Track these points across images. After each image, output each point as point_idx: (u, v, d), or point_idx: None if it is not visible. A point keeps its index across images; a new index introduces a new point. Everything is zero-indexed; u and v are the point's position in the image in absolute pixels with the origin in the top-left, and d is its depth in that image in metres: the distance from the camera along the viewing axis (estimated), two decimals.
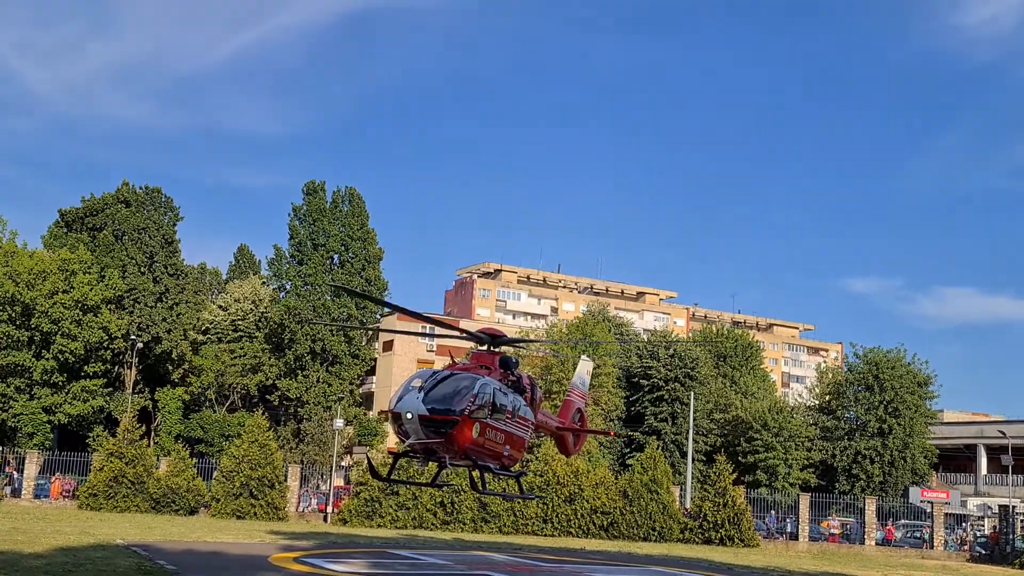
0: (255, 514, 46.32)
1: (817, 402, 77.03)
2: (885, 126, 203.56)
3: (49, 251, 68.36)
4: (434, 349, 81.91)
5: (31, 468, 49.55)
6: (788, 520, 56.90)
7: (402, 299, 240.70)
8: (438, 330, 39.37)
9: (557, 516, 48.11)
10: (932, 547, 54.10)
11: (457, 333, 23.18)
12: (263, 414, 52.23)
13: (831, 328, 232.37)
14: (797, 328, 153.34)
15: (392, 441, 63.28)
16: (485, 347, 21.60)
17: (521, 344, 23.31)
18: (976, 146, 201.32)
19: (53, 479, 50.90)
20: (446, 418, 18.55)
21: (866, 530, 54.80)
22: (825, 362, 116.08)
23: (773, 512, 58.74)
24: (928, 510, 57.65)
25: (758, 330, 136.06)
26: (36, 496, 48.79)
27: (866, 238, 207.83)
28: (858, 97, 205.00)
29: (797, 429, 70.03)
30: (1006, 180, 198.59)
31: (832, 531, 55.66)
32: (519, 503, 47.46)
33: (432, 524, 46.52)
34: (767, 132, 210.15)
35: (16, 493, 48.61)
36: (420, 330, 65.48)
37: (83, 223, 75.85)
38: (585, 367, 26.35)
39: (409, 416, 18.52)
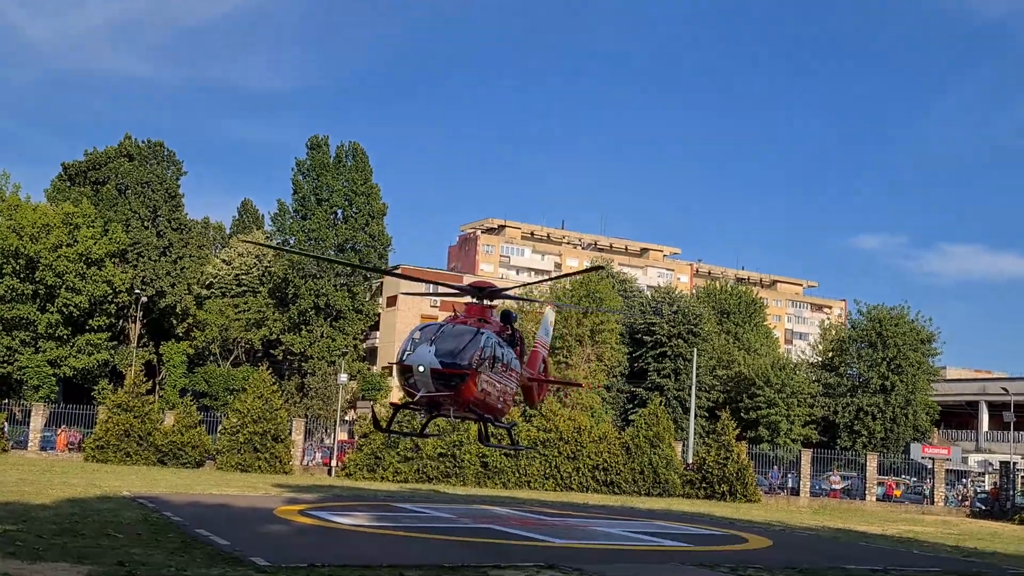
0: (260, 467, 46.67)
1: (820, 359, 77.19)
2: (893, 82, 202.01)
3: (52, 205, 68.27)
4: (437, 304, 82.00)
5: (37, 420, 49.85)
6: (789, 476, 57.24)
7: (406, 255, 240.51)
8: (434, 288, 39.46)
9: (559, 471, 48.39)
10: (932, 503, 54.44)
11: (448, 289, 23.41)
12: (267, 369, 52.43)
13: (835, 285, 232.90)
14: (801, 285, 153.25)
15: (395, 395, 63.59)
16: (478, 300, 21.76)
17: (510, 296, 23.83)
18: (984, 103, 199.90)
19: (59, 431, 51.24)
20: (456, 371, 18.79)
21: (867, 486, 55.14)
22: (829, 319, 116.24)
23: (776, 468, 59.08)
24: (929, 466, 57.95)
25: (762, 287, 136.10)
26: (42, 448, 49.14)
27: (872, 195, 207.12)
28: (866, 53, 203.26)
29: (800, 386, 70.25)
30: (1014, 138, 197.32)
31: (834, 487, 56.02)
32: (523, 458, 47.78)
33: (435, 478, 46.84)
34: (772, 87, 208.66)
35: (22, 445, 48.97)
36: (423, 287, 65.41)
37: (86, 177, 75.68)
38: (550, 317, 26.67)
39: (421, 369, 18.70)
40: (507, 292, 23.35)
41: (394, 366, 19.88)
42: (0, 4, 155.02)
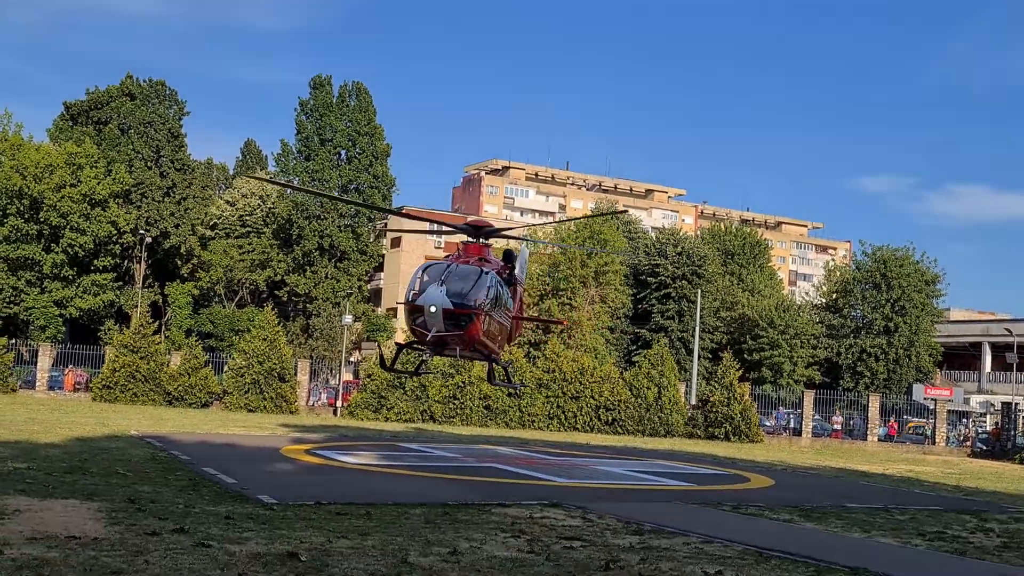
0: (266, 408, 47.06)
1: (824, 300, 77.24)
2: (898, 23, 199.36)
3: (55, 144, 67.98)
4: (442, 246, 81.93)
5: (44, 360, 50.16)
6: (792, 416, 57.63)
7: (410, 196, 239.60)
8: (435, 227, 39.54)
9: (563, 412, 48.73)
10: (934, 443, 54.85)
11: (446, 228, 23.46)
12: (272, 309, 52.59)
13: (840, 227, 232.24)
14: (806, 226, 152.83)
15: (400, 336, 63.87)
16: (475, 239, 21.80)
17: (506, 234, 23.81)
18: (991, 44, 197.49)
19: (66, 371, 51.60)
20: (465, 311, 18.90)
21: (869, 426, 55.52)
22: (833, 260, 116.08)
23: (781, 408, 59.45)
24: (931, 407, 58.28)
25: (766, 228, 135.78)
26: (50, 388, 49.52)
27: (877, 136, 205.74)
28: None
29: (803, 327, 70.40)
30: (1020, 78, 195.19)
31: (834, 426, 56.42)
32: (527, 398, 48.11)
33: (439, 418, 47.22)
34: (778, 28, 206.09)
35: (30, 385, 49.35)
36: (424, 226, 65.22)
37: (88, 116, 75.24)
38: (524, 254, 26.84)
39: (432, 310, 18.74)
40: (505, 231, 23.34)
41: (401, 306, 19.92)
42: None
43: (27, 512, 12.42)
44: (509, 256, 21.66)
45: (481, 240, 21.62)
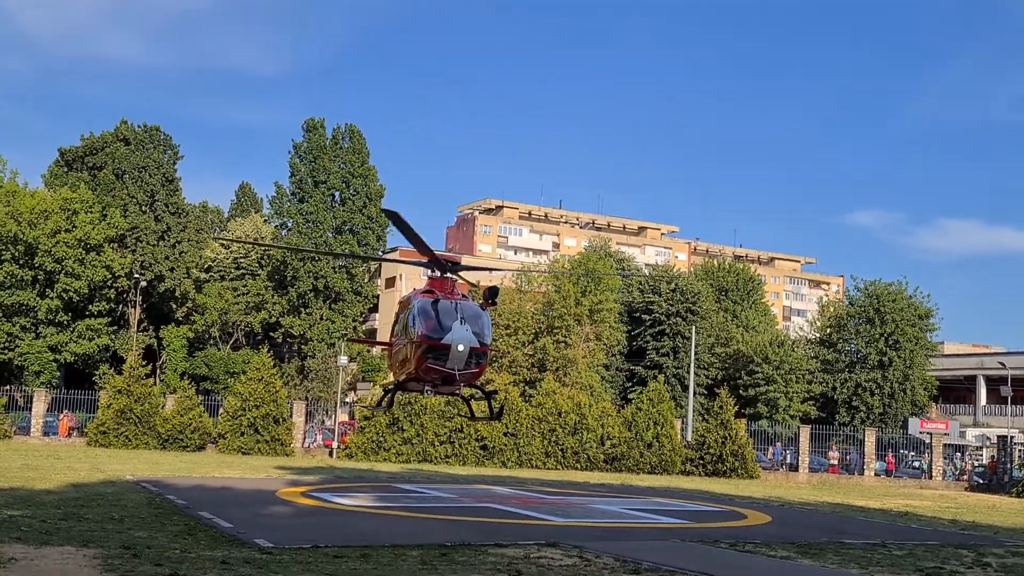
0: (261, 450, 46.89)
1: (818, 335, 77.38)
2: (887, 56, 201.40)
3: (50, 190, 68.21)
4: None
5: (39, 406, 50.04)
6: (788, 452, 57.55)
7: (402, 237, 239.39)
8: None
9: (560, 450, 48.65)
10: (931, 477, 54.78)
11: (416, 261, 23.80)
12: (267, 351, 52.56)
13: (833, 262, 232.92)
14: (799, 262, 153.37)
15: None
16: (441, 273, 22.27)
17: (476, 269, 24.56)
18: (979, 77, 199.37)
19: (61, 417, 51.44)
20: (486, 349, 19.65)
21: (865, 461, 55.45)
22: (827, 295, 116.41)
23: (779, 444, 59.40)
24: (927, 441, 58.25)
25: (759, 264, 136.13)
26: (45, 433, 49.35)
27: (868, 171, 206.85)
28: (859, 26, 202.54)
29: (798, 362, 70.46)
30: (1009, 112, 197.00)
31: (831, 462, 56.33)
32: (523, 438, 48.03)
33: (435, 459, 47.08)
34: (767, 64, 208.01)
35: (25, 431, 49.17)
36: (419, 262, 65.32)
37: (83, 162, 75.58)
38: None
39: (461, 348, 19.28)
40: (471, 267, 24.08)
41: (413, 343, 20.00)
42: None
43: (23, 560, 12.42)
44: (494, 293, 21.92)
45: (448, 275, 22.11)
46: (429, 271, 21.77)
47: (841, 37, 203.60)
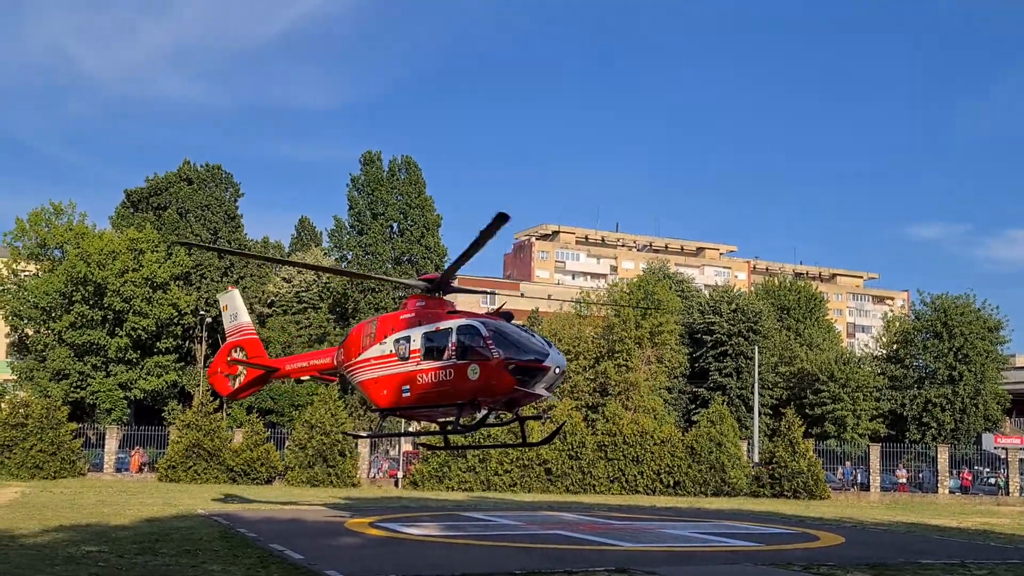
0: (328, 481, 47.26)
1: (884, 351, 76.05)
2: (950, 64, 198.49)
3: (117, 231, 69.74)
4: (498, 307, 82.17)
5: (111, 443, 51.04)
6: (858, 471, 56.52)
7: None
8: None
9: (624, 475, 48.34)
10: (1007, 493, 53.39)
11: (405, 281, 24.83)
12: (332, 383, 53.01)
13: (897, 276, 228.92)
14: (861, 277, 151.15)
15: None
16: (429, 293, 23.13)
17: (460, 291, 25.24)
18: None
19: (132, 453, 52.40)
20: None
21: (939, 478, 54.23)
22: (892, 311, 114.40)
23: (848, 464, 58.34)
24: (1003, 456, 56.82)
25: (821, 281, 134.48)
26: (117, 470, 50.29)
27: (931, 182, 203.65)
28: (922, 35, 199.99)
29: (865, 379, 69.25)
30: None
31: (900, 480, 55.21)
32: (588, 462, 47.82)
33: (500, 486, 47.05)
34: (826, 77, 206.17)
35: (98, 467, 50.16)
36: (481, 292, 65.64)
37: (148, 203, 77.21)
38: None
39: (558, 371, 20.32)
40: (458, 289, 24.90)
41: (499, 363, 20.26)
42: (58, 39, 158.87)
43: None
44: (509, 317, 22.39)
45: (439, 294, 22.73)
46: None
47: (901, 47, 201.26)
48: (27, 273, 67.12)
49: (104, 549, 17.94)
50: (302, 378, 30.27)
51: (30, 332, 67.49)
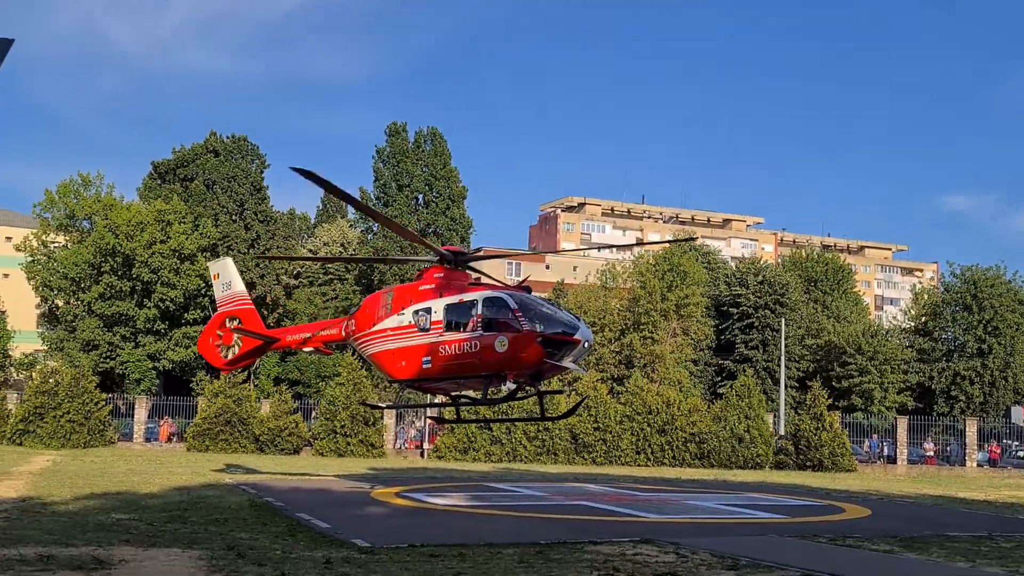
0: (354, 452, 47.60)
1: (913, 324, 75.47)
2: (981, 35, 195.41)
3: (145, 203, 70.15)
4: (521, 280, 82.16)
5: (140, 413, 51.62)
6: (885, 444, 56.28)
7: (486, 236, 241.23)
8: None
9: (650, 447, 48.36)
10: None
11: (429, 243, 24.51)
12: (357, 354, 53.25)
13: (926, 248, 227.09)
14: (890, 249, 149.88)
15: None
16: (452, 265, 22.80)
17: (482, 258, 24.83)
18: None
19: (161, 422, 52.97)
20: None
21: (967, 451, 53.90)
22: (920, 283, 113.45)
23: (875, 436, 58.09)
24: None
25: (849, 253, 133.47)
26: (146, 439, 50.89)
27: (960, 152, 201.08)
28: (953, 5, 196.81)
29: (892, 352, 68.79)
30: None
31: (927, 453, 54.92)
32: (613, 434, 47.87)
33: (525, 457, 47.19)
34: (854, 46, 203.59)
35: (128, 437, 50.79)
36: (505, 264, 65.77)
37: (175, 174, 77.54)
38: None
39: (587, 344, 20.38)
40: (479, 258, 24.48)
41: (529, 335, 20.27)
42: (88, 11, 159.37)
43: (132, 562, 12.81)
44: (528, 290, 22.37)
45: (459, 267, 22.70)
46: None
47: (933, 13, 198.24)
48: (56, 244, 67.75)
49: (134, 517, 18.15)
50: (305, 349, 29.56)
51: (60, 303, 68.22)
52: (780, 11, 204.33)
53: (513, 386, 21.59)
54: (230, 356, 27.71)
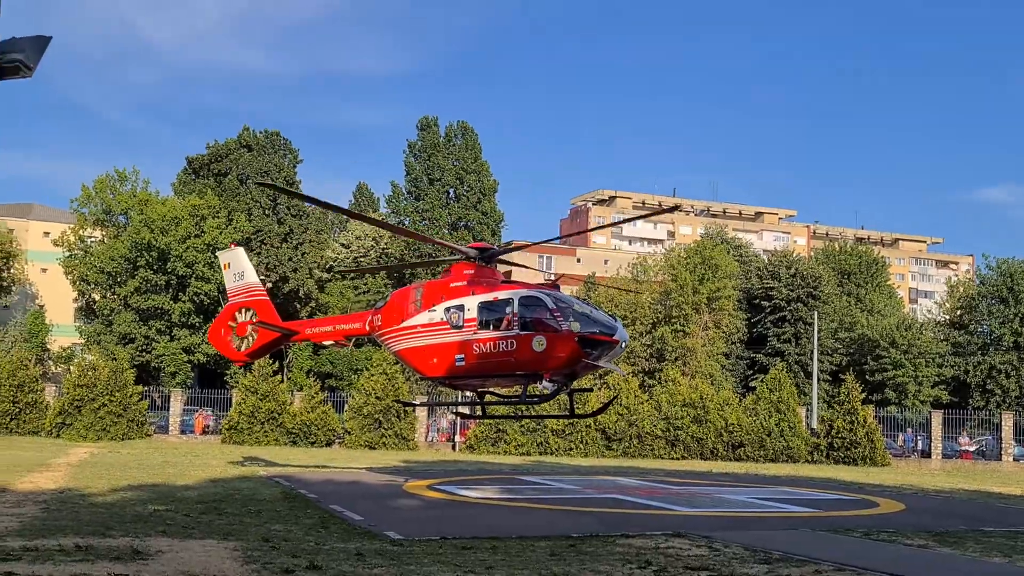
0: (386, 444, 47.85)
1: (948, 317, 74.69)
2: (1015, 22, 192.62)
3: (179, 197, 70.85)
4: (552, 278, 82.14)
5: (175, 405, 52.16)
6: (919, 438, 55.78)
7: (517, 230, 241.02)
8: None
9: (682, 440, 48.23)
10: None
11: (453, 245, 24.44)
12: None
13: (961, 240, 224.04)
14: (925, 242, 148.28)
15: None
16: (476, 261, 22.77)
17: (508, 253, 24.74)
18: None
19: (196, 415, 53.51)
20: None
21: (1003, 446, 53.33)
22: (955, 275, 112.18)
23: (909, 431, 57.60)
24: None
25: (883, 245, 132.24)
26: (182, 432, 51.42)
27: (997, 144, 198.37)
28: None
29: (927, 345, 68.14)
30: None
31: (963, 448, 54.35)
32: (643, 428, 47.79)
33: (556, 450, 47.23)
34: (887, 35, 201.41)
35: (163, 429, 51.36)
36: (536, 257, 65.77)
37: (209, 169, 78.24)
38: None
39: (623, 344, 20.67)
40: (506, 252, 24.49)
41: (568, 335, 20.37)
42: (121, 8, 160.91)
43: (169, 552, 13.00)
44: (556, 288, 22.41)
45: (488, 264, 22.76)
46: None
47: (966, 5, 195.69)
48: (93, 239, 68.61)
49: (170, 508, 18.39)
50: (325, 343, 29.03)
51: (97, 297, 69.10)
52: (813, 4, 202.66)
53: (552, 385, 21.27)
54: (244, 348, 27.18)
